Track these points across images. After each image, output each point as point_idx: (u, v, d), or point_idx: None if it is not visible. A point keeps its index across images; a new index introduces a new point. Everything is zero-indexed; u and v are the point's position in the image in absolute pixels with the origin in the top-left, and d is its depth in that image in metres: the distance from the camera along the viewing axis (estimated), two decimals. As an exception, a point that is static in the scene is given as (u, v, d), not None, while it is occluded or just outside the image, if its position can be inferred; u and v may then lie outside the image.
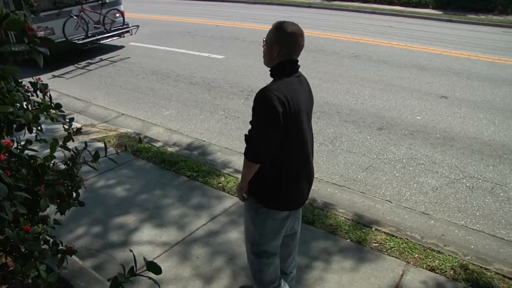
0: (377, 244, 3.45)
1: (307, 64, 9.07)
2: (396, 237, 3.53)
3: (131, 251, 2.09)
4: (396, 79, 8.06)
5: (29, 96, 2.21)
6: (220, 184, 4.36)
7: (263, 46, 2.27)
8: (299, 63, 2.27)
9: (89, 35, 9.75)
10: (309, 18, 15.53)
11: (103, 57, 10.28)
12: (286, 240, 2.62)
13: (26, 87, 2.24)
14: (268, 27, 2.27)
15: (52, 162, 2.28)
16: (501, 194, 4.33)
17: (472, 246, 3.59)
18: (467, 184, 4.50)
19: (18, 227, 1.99)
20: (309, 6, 19.43)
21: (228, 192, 4.21)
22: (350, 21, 15.12)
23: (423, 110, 6.50)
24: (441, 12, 16.86)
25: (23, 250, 2.16)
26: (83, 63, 9.84)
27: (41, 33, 8.34)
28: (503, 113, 6.38)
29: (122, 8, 10.76)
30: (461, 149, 5.25)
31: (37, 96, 2.30)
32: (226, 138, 5.71)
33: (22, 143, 2.29)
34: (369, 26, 13.75)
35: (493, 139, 5.52)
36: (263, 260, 2.51)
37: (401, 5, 18.62)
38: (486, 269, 3.18)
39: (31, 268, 2.07)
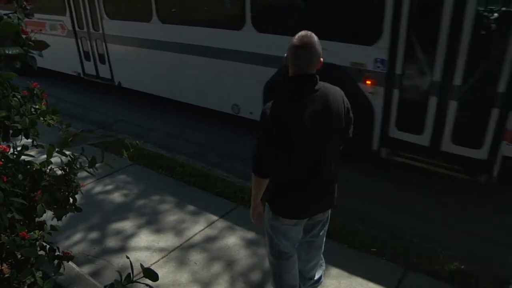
0: (375, 249, 3.43)
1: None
2: (395, 241, 3.52)
3: (127, 257, 2.08)
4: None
5: (25, 101, 2.20)
6: (218, 190, 4.34)
7: None
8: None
9: None
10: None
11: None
12: (306, 246, 2.72)
13: (23, 92, 2.24)
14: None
15: (49, 167, 2.27)
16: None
17: (470, 251, 3.58)
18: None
19: (14, 233, 1.98)
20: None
21: (226, 198, 4.20)
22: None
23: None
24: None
25: (19, 256, 2.15)
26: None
27: None
28: None
29: None
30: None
31: (34, 101, 2.29)
32: (224, 143, 5.70)
33: (19, 148, 2.28)
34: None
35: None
36: (280, 261, 2.58)
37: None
38: (484, 273, 3.17)
39: (27, 274, 2.05)
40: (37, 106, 2.25)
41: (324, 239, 2.79)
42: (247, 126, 5.27)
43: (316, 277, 2.93)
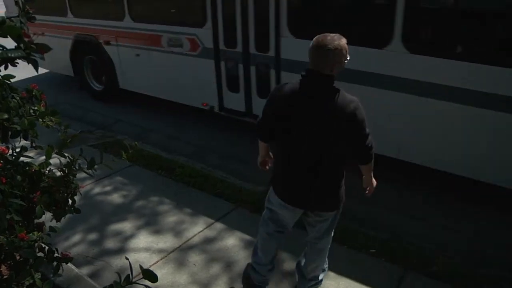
0: (374, 250, 3.43)
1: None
2: (394, 242, 3.52)
3: (127, 259, 2.08)
4: None
5: (24, 102, 2.20)
6: (217, 191, 4.34)
7: None
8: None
9: None
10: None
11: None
12: (309, 247, 2.85)
13: (21, 94, 2.24)
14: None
15: (48, 169, 2.27)
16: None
17: (471, 252, 3.58)
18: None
19: (13, 234, 1.97)
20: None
21: (225, 199, 4.19)
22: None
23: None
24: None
25: (18, 258, 2.15)
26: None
27: None
28: None
29: None
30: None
31: (33, 103, 2.30)
32: (224, 144, 5.70)
33: (18, 149, 2.28)
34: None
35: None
36: (260, 228, 2.80)
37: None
38: (485, 273, 3.17)
39: (26, 276, 2.05)
40: (36, 108, 2.25)
41: (329, 244, 2.83)
42: (249, 128, 5.27)
43: (318, 278, 2.96)
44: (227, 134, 5.94)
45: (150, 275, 1.84)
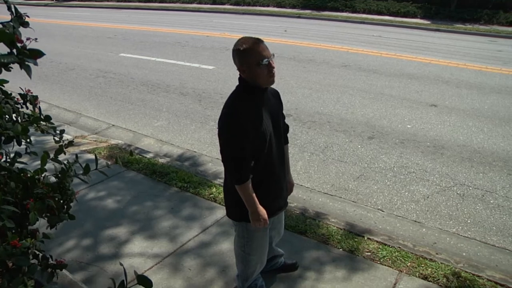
0: (369, 253, 3.44)
1: (297, 74, 9.13)
2: (389, 245, 3.53)
3: (121, 264, 2.07)
4: (386, 88, 8.13)
5: (18, 108, 2.18)
6: (211, 195, 4.33)
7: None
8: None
9: None
10: (299, 29, 15.68)
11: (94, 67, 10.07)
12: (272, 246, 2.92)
13: (16, 99, 2.22)
14: (257, 37, 2.30)
15: (43, 175, 2.25)
16: (491, 201, 4.35)
17: (464, 254, 3.60)
18: (458, 192, 4.53)
19: (5, 241, 1.95)
20: (298, 16, 19.66)
21: (219, 203, 4.19)
22: (339, 31, 15.29)
23: (413, 119, 6.56)
24: (429, 22, 17.15)
25: (10, 265, 2.12)
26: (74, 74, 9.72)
27: None
28: (491, 120, 6.45)
29: None
30: (451, 157, 5.30)
31: (27, 108, 2.28)
32: (217, 149, 5.68)
33: (12, 155, 2.26)
34: (359, 36, 13.91)
35: (482, 146, 5.57)
36: (252, 258, 2.71)
37: (390, 15, 18.93)
38: (478, 276, 3.19)
39: (18, 283, 2.02)
40: (30, 112, 2.23)
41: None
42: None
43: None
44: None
45: (144, 281, 1.82)
